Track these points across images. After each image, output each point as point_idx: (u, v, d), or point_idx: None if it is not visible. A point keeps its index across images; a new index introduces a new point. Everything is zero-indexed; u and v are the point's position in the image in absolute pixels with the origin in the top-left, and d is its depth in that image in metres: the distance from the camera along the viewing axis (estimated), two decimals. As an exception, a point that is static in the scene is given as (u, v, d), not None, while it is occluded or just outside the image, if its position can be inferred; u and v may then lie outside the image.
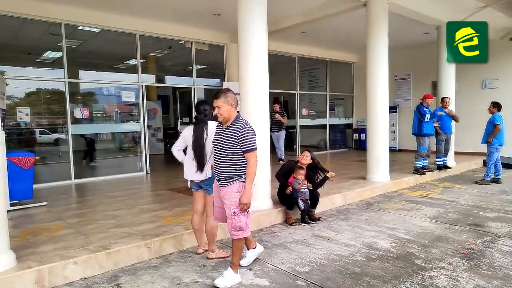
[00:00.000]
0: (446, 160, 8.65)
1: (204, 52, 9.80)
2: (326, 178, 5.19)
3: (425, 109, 7.73)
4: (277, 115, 9.41)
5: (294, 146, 12.39)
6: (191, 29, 9.02)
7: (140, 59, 8.56)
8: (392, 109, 11.65)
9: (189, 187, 4.03)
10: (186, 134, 3.79)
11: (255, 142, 3.09)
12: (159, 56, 10.92)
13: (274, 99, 9.77)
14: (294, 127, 12.24)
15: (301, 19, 8.33)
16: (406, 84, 12.49)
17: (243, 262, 3.63)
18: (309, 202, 5.05)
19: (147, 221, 4.69)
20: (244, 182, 3.13)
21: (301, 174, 5.04)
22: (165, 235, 4.12)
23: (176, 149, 3.87)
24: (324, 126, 13.18)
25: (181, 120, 11.15)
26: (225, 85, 9.29)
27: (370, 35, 7.02)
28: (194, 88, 9.53)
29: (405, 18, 7.98)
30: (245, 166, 3.12)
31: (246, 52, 5.02)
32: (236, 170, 3.13)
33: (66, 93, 7.58)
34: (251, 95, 5.08)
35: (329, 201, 5.88)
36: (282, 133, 9.73)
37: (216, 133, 3.28)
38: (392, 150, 9.05)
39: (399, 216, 5.36)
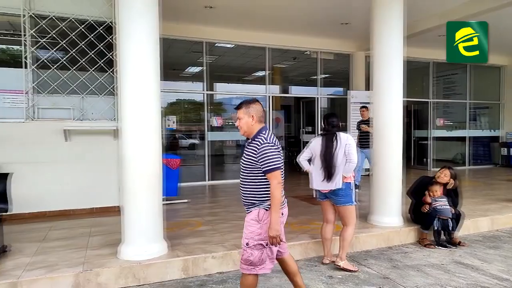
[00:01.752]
0: None
1: (328, 61, 9.81)
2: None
3: None
4: (365, 127, 6.81)
5: (425, 160, 11.29)
6: (318, 39, 9.12)
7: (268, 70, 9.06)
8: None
9: (314, 196, 4.08)
10: (314, 144, 3.87)
11: (278, 161, 2.53)
12: (284, 67, 11.34)
13: (363, 105, 7.50)
14: (426, 138, 11.18)
15: (440, 21, 7.58)
16: None
17: None
18: (449, 223, 4.51)
19: (274, 225, 4.87)
20: (266, 210, 2.59)
21: (437, 191, 4.57)
22: (292, 241, 4.21)
23: (302, 159, 3.98)
24: (462, 139, 11.67)
25: (303, 129, 11.32)
26: (351, 93, 9.09)
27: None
28: (318, 98, 9.58)
29: None
30: (269, 190, 2.57)
31: (381, 59, 4.84)
32: (257, 194, 2.60)
33: (205, 104, 8.51)
34: (384, 104, 4.85)
35: (472, 224, 5.15)
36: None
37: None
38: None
39: None
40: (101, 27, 5.62)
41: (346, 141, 3.72)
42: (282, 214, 2.68)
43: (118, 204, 5.44)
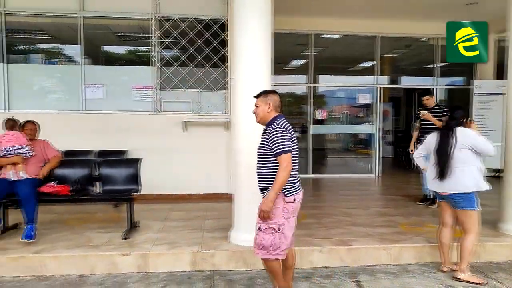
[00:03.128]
0: None
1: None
2: None
3: None
4: (425, 114, 5.32)
5: None
6: (437, 24, 8.12)
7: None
8: None
9: (430, 196, 3.72)
10: (430, 140, 3.58)
11: (288, 145, 2.62)
12: (395, 56, 10.57)
13: (424, 90, 6.11)
14: None
15: None
16: None
17: None
18: None
19: (383, 225, 4.62)
20: (285, 195, 2.66)
21: None
22: (404, 243, 3.94)
23: (418, 156, 3.71)
24: None
25: (415, 123, 10.40)
26: (475, 83, 8.03)
27: None
28: (434, 88, 8.69)
29: None
30: None
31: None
32: (269, 178, 2.69)
33: (310, 97, 8.46)
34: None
35: None
36: None
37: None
38: None
39: None
40: (216, 25, 6.01)
41: (466, 136, 3.29)
42: (295, 200, 2.71)
43: (227, 192, 5.81)
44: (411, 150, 5.60)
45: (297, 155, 2.75)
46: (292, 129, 2.75)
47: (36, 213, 3.97)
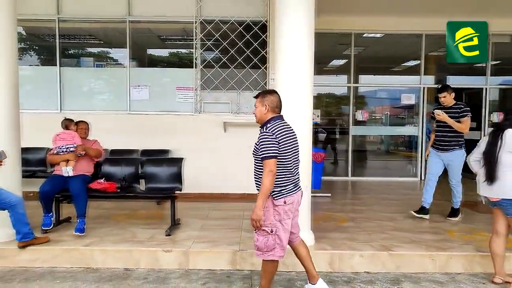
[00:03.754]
0: None
1: (501, 45, 8.24)
2: None
3: None
4: (441, 115, 4.67)
5: None
6: (490, 19, 7.72)
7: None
8: None
9: (483, 202, 3.49)
10: (481, 142, 3.40)
11: (272, 150, 2.60)
12: (441, 55, 10.07)
13: (441, 86, 4.88)
14: None
15: None
16: None
17: None
18: None
19: (429, 231, 4.42)
20: (274, 198, 2.66)
21: None
22: (452, 251, 3.75)
23: (472, 159, 3.50)
24: None
25: (463, 125, 9.86)
26: (533, 83, 7.47)
27: None
28: (486, 88, 8.20)
29: None
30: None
31: None
32: (260, 180, 2.68)
33: (351, 97, 8.28)
34: None
35: None
36: (458, 155, 4.79)
37: None
38: None
39: None
40: (256, 27, 6.05)
41: None
42: (285, 203, 2.69)
43: (266, 192, 5.80)
44: (427, 155, 5.24)
45: (290, 157, 2.72)
46: (285, 132, 2.72)
47: (87, 208, 4.20)
